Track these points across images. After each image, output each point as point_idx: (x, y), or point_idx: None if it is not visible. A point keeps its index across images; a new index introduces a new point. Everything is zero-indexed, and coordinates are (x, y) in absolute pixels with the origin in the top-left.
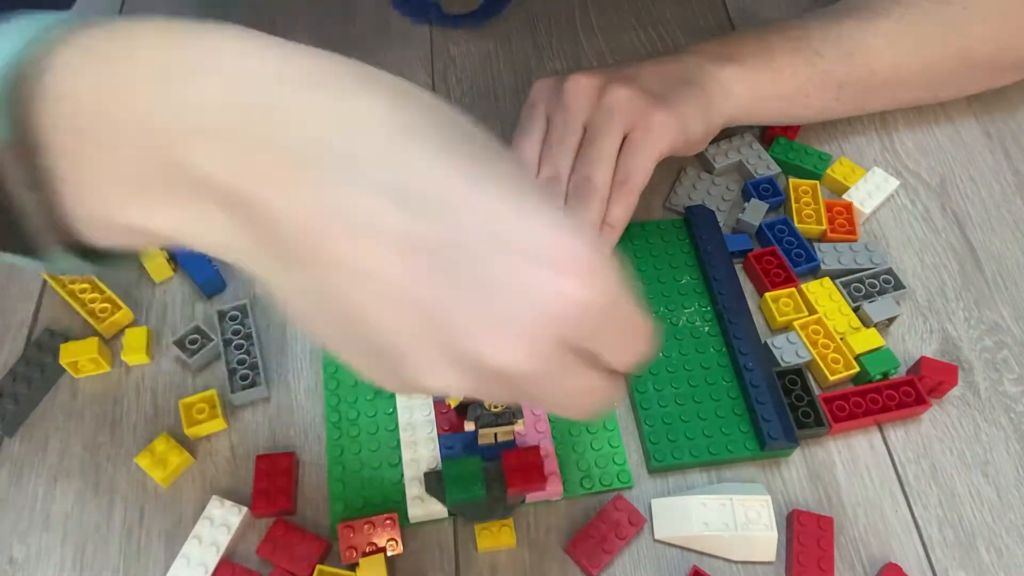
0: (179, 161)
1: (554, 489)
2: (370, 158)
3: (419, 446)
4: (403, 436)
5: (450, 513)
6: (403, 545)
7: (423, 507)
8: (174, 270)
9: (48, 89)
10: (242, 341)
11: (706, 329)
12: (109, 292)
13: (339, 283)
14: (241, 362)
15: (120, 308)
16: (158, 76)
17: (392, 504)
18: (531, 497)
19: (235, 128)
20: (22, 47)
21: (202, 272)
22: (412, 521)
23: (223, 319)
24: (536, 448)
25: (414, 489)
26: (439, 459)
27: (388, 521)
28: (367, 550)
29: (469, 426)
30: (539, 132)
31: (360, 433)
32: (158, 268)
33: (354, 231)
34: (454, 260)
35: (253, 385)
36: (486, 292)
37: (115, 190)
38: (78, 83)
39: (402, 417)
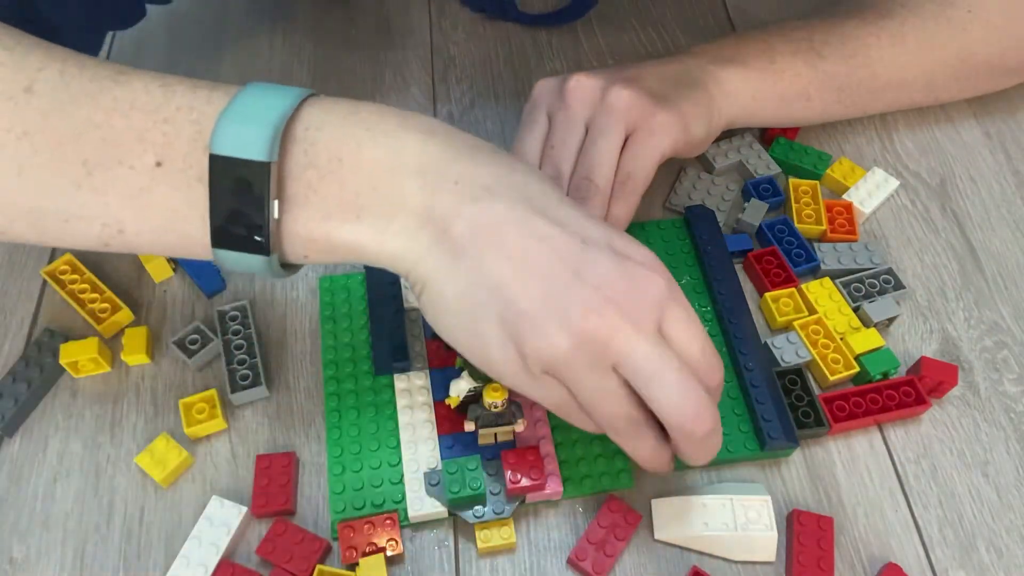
0: (392, 191)
1: (554, 489)
2: (533, 195)
3: (419, 445)
4: (403, 436)
5: (450, 512)
6: (403, 545)
7: (423, 506)
8: (174, 269)
9: (299, 136)
10: (242, 341)
11: (706, 329)
12: (109, 292)
13: (498, 266)
14: (241, 362)
15: (120, 308)
16: (373, 135)
17: (392, 503)
18: (531, 497)
19: (431, 169)
20: (289, 105)
21: (202, 272)
22: (412, 520)
23: (223, 319)
24: (535, 448)
25: (414, 488)
26: (439, 458)
27: (388, 521)
28: (367, 550)
29: (469, 426)
30: (540, 131)
31: (360, 432)
32: (158, 268)
33: (526, 235)
34: (584, 257)
35: (253, 385)
36: (606, 278)
37: (336, 211)
38: (319, 135)
39: (402, 417)
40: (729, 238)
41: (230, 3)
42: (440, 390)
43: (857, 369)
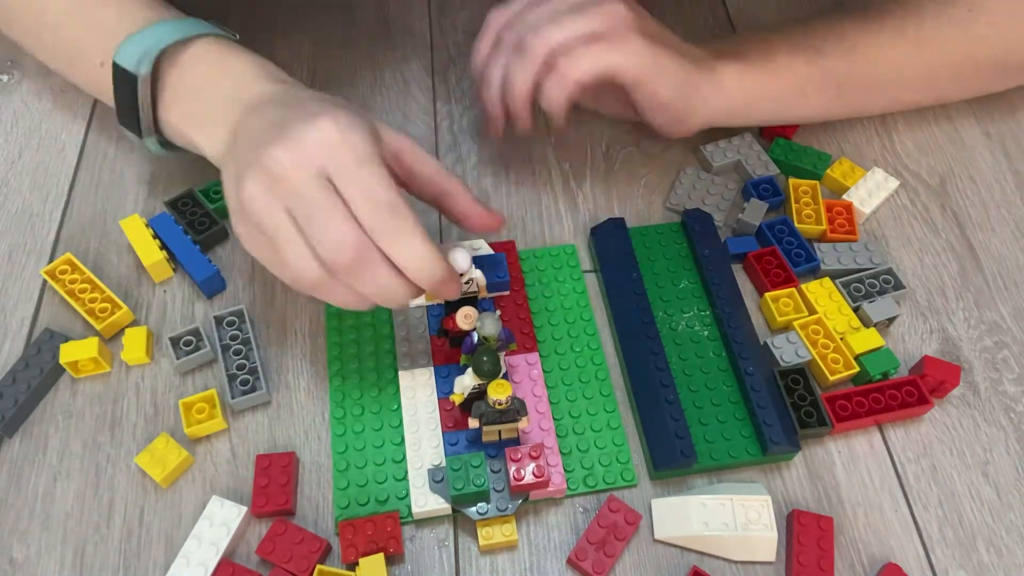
0: (223, 115)
1: (557, 486)
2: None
3: (423, 442)
4: (407, 432)
5: (453, 509)
6: (403, 545)
7: (426, 502)
8: (174, 269)
9: (182, 61)
10: (240, 346)
11: (705, 333)
12: (109, 292)
13: (236, 149)
14: (240, 367)
15: (120, 308)
16: (225, 77)
17: (396, 500)
18: (534, 494)
19: (249, 105)
20: (175, 39)
21: (202, 272)
22: (416, 516)
23: (220, 324)
24: (540, 445)
25: (418, 484)
26: (443, 455)
27: (389, 520)
28: (367, 549)
29: (473, 423)
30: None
31: (365, 429)
32: (158, 268)
33: (250, 123)
34: (287, 122)
35: (254, 390)
36: (292, 137)
37: (190, 118)
38: (195, 64)
39: (407, 414)
40: (732, 240)
41: (231, 3)
42: (445, 387)
43: (857, 369)
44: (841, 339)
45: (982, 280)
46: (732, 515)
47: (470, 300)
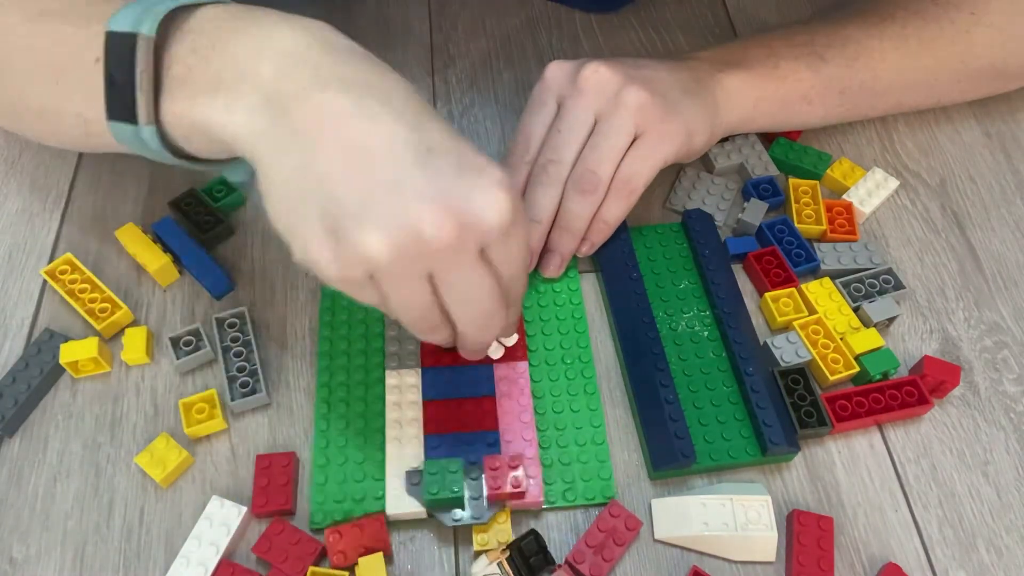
0: (249, 71)
1: (534, 499)
2: (393, 99)
3: (404, 443)
4: (389, 432)
5: (428, 514)
6: (403, 545)
7: (401, 504)
8: (180, 272)
9: (193, 27)
10: (241, 348)
11: (705, 334)
12: (109, 292)
13: (330, 156)
14: (241, 369)
15: (120, 308)
16: (252, 25)
17: (372, 499)
18: (511, 504)
19: (294, 56)
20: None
21: (212, 276)
22: (391, 518)
23: (221, 326)
24: (519, 456)
25: (395, 485)
26: (423, 459)
27: (376, 523)
28: (360, 551)
29: None
30: (548, 114)
31: (348, 426)
32: (163, 273)
33: (367, 130)
34: (424, 161)
35: (253, 392)
36: (442, 189)
37: (201, 90)
38: (208, 26)
39: (390, 414)
40: (733, 240)
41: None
42: (430, 389)
43: (857, 369)
44: (841, 339)
45: (982, 280)
46: (732, 515)
47: None
